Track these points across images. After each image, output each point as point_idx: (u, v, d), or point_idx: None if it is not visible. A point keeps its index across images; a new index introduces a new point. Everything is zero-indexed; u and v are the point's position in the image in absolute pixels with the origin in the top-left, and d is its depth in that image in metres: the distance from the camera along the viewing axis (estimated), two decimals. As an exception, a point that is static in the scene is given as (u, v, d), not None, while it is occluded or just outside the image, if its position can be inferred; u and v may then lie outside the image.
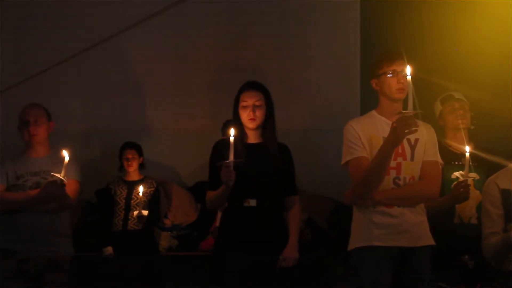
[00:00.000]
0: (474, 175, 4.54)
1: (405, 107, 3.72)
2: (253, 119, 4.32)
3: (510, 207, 4.07)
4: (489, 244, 4.11)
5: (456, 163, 4.45)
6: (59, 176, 4.46)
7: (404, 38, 6.40)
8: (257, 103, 4.34)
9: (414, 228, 3.97)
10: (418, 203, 4.02)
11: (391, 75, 4.00)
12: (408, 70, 3.63)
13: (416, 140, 4.01)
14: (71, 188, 4.73)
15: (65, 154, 4.49)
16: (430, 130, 4.11)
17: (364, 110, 4.31)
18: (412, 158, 4.01)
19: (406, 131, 3.65)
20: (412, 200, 3.98)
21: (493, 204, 4.14)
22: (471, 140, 4.74)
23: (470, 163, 4.24)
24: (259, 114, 4.34)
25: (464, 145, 4.65)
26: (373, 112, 4.14)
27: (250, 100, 4.34)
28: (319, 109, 6.61)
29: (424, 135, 4.03)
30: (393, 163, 3.93)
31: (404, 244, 3.94)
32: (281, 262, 4.27)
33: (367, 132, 4.02)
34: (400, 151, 3.96)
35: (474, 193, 4.55)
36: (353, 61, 6.55)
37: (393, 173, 3.97)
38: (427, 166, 4.02)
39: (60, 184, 4.52)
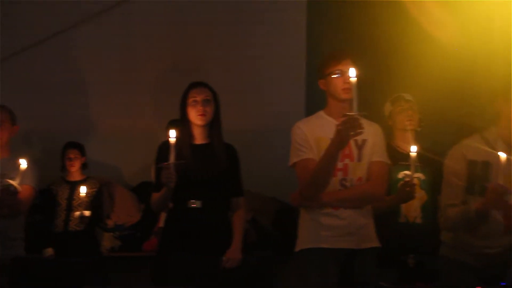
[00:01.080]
0: (419, 175, 4.60)
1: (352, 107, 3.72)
2: (203, 115, 4.31)
3: (475, 179, 4.06)
4: (447, 216, 4.10)
5: (403, 163, 4.48)
6: (13, 183, 4.39)
7: (352, 39, 6.45)
8: (207, 99, 4.33)
9: (360, 230, 3.97)
10: (365, 205, 4.02)
11: (337, 75, 3.99)
12: (353, 72, 3.59)
13: (363, 141, 4.00)
14: (25, 194, 4.67)
15: (22, 162, 4.41)
16: (377, 130, 4.10)
17: (309, 111, 4.31)
18: (359, 159, 4.00)
19: (351, 133, 3.63)
20: (359, 202, 3.98)
21: (456, 175, 4.10)
22: (418, 141, 4.80)
23: (417, 164, 4.29)
24: (209, 110, 4.34)
25: (412, 145, 4.72)
26: (321, 113, 4.11)
27: (199, 96, 4.33)
28: (266, 109, 6.61)
29: (371, 136, 4.01)
30: (340, 165, 3.92)
31: (350, 246, 3.94)
32: (224, 263, 4.27)
33: (314, 133, 4.00)
34: (347, 152, 3.94)
35: (419, 193, 4.60)
36: (299, 62, 6.56)
37: (340, 175, 3.95)
38: (374, 166, 4.02)
39: (13, 191, 4.44)
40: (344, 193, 3.96)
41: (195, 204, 4.25)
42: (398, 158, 4.52)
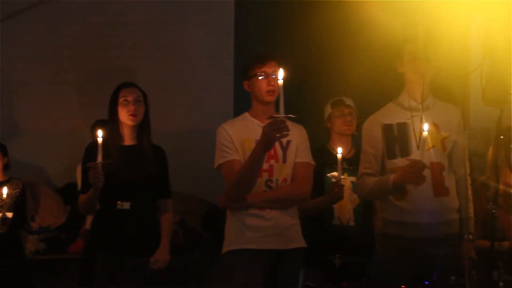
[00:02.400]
0: (352, 178, 4.67)
1: (278, 109, 3.74)
2: (134, 115, 4.29)
3: (393, 142, 4.11)
4: (363, 184, 4.15)
5: (335, 166, 4.55)
6: None
7: (281, 39, 6.48)
8: (139, 99, 4.32)
9: (286, 230, 4.00)
10: (291, 205, 4.05)
11: (262, 77, 4.01)
12: (280, 74, 3.56)
13: (288, 142, 4.02)
14: None
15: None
16: (302, 131, 4.14)
17: (238, 112, 4.33)
18: (284, 160, 4.03)
19: (278, 135, 3.64)
20: (284, 202, 4.00)
21: (371, 144, 4.16)
22: (354, 146, 4.87)
23: (351, 167, 4.36)
24: (141, 110, 4.32)
25: (347, 149, 4.79)
26: (246, 115, 4.14)
27: (131, 96, 4.31)
28: (194, 110, 6.60)
29: (296, 137, 4.04)
30: (265, 166, 3.94)
31: (277, 247, 3.97)
32: (152, 264, 4.26)
33: (239, 135, 4.01)
34: (272, 153, 3.96)
35: (352, 197, 4.68)
36: (227, 62, 6.58)
37: (265, 176, 3.98)
38: (299, 167, 4.05)
39: None
40: (269, 194, 3.98)
41: (123, 205, 4.23)
42: (333, 160, 4.59)
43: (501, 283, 3.61)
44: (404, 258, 4.03)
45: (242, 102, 5.08)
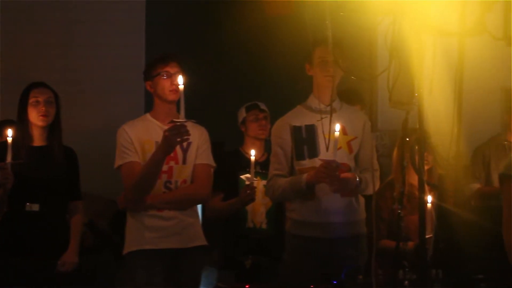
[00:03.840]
0: (265, 182, 4.69)
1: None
2: (45, 116, 4.23)
3: (301, 143, 4.15)
4: (275, 185, 4.17)
5: (248, 169, 4.58)
6: None
7: (193, 40, 6.48)
8: (50, 100, 4.24)
9: (186, 230, 4.03)
10: (190, 206, 4.08)
11: (165, 77, 4.02)
12: (180, 79, 3.64)
13: (189, 144, 4.04)
14: None
15: None
16: (203, 133, 4.16)
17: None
18: (184, 162, 4.05)
19: (178, 139, 3.69)
20: (183, 203, 4.03)
21: (280, 146, 4.19)
22: (266, 150, 4.91)
23: (264, 171, 4.40)
24: (52, 111, 4.26)
25: (261, 153, 4.83)
26: (147, 116, 4.15)
27: (41, 96, 4.24)
28: (106, 110, 6.50)
29: (196, 139, 4.07)
30: (164, 167, 3.96)
31: (177, 246, 4.00)
32: (60, 267, 4.22)
33: (140, 136, 4.03)
34: (172, 155, 3.97)
35: (264, 200, 4.72)
36: (138, 62, 6.50)
37: (164, 177, 4.00)
38: (199, 169, 4.09)
39: None
40: (168, 196, 4.01)
41: (32, 207, 4.17)
42: (246, 163, 4.62)
43: (406, 282, 3.70)
44: (312, 258, 4.09)
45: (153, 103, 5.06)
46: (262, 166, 4.75)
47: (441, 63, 3.49)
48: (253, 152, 4.38)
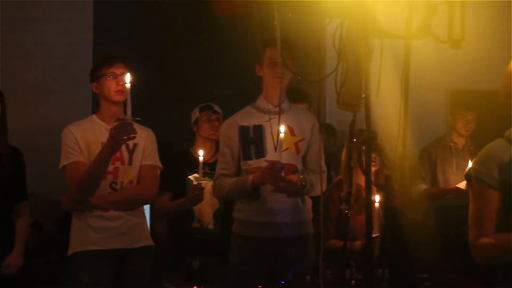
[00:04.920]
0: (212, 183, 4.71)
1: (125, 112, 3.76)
2: None
3: (248, 143, 4.16)
4: (221, 185, 4.17)
5: (197, 169, 4.57)
6: None
7: (142, 40, 6.44)
8: None
9: (132, 230, 4.03)
10: (136, 207, 4.08)
11: (111, 78, 4.01)
12: (128, 77, 3.65)
13: (135, 145, 4.05)
14: None
15: None
16: (150, 134, 4.17)
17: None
18: (130, 163, 4.05)
19: (124, 137, 3.68)
20: (129, 204, 4.03)
21: (228, 145, 4.20)
22: (216, 151, 4.89)
23: (212, 172, 4.40)
24: None
25: (211, 154, 4.82)
26: (93, 117, 4.14)
27: None
28: (53, 110, 6.42)
29: (143, 140, 4.08)
30: (110, 168, 3.95)
31: (122, 246, 3.99)
32: (4, 269, 4.16)
33: (85, 137, 4.01)
34: (118, 155, 3.98)
35: (212, 200, 4.71)
36: (86, 62, 6.44)
37: (110, 178, 3.99)
38: (145, 170, 4.09)
39: None
40: (113, 196, 4.00)
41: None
42: (195, 164, 4.60)
43: (352, 281, 3.74)
44: (259, 258, 4.10)
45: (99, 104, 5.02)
46: (212, 167, 4.75)
47: (388, 65, 3.53)
48: (201, 152, 4.39)
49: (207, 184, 4.69)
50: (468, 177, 2.74)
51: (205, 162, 4.62)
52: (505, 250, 2.58)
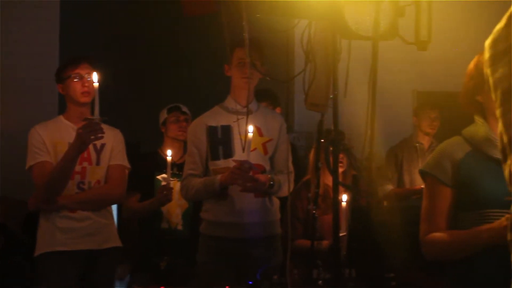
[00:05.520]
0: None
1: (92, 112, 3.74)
2: None
3: (216, 143, 4.15)
4: (189, 185, 4.15)
5: (166, 170, 4.55)
6: None
7: (108, 40, 6.39)
8: None
9: (100, 231, 4.03)
10: (103, 207, 4.07)
11: (77, 79, 4.00)
12: (95, 76, 3.65)
13: (103, 145, 4.05)
14: None
15: None
16: (117, 134, 4.17)
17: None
18: (97, 163, 4.05)
19: (92, 137, 3.69)
20: (97, 204, 4.02)
21: (196, 145, 4.19)
22: (185, 152, 4.88)
23: (181, 172, 4.39)
24: None
25: (179, 155, 4.81)
26: (60, 117, 4.13)
27: None
28: (20, 111, 6.36)
29: (110, 140, 4.08)
30: (78, 168, 3.94)
31: (90, 247, 3.98)
32: (-32, 271, 4.11)
33: (52, 137, 4.00)
34: (85, 155, 3.97)
35: (181, 201, 4.70)
36: (52, 62, 6.39)
37: (77, 178, 3.98)
38: (113, 170, 4.09)
39: None
40: (81, 196, 3.99)
41: None
42: (163, 164, 4.59)
43: (320, 281, 3.75)
44: (227, 259, 4.10)
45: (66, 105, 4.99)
46: (180, 168, 4.74)
47: (356, 66, 3.55)
48: (169, 152, 4.38)
49: (176, 184, 4.68)
50: (422, 173, 2.76)
51: (173, 163, 4.61)
52: (454, 247, 2.60)
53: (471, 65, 2.69)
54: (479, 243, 2.51)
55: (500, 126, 1.48)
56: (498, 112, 1.47)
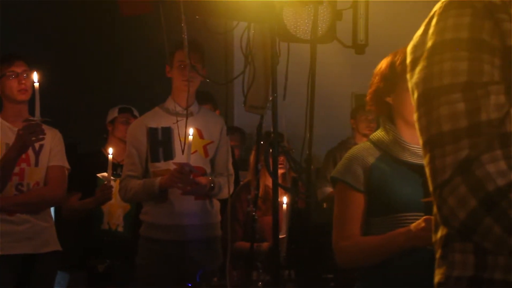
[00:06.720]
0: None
1: (31, 112, 3.70)
2: None
3: (157, 145, 4.12)
4: (127, 186, 4.10)
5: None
6: None
7: (48, 39, 6.29)
8: None
9: (39, 234, 3.97)
10: (43, 208, 4.02)
11: (12, 77, 3.94)
12: (35, 76, 3.60)
13: (41, 146, 3.99)
14: None
15: None
16: (57, 135, 4.12)
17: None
18: (36, 164, 3.99)
19: (33, 138, 3.64)
20: (36, 205, 3.97)
21: (136, 147, 4.14)
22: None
23: (118, 171, 4.35)
24: None
25: (124, 155, 4.77)
26: None
27: None
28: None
29: (49, 141, 4.02)
30: (16, 169, 3.88)
31: (28, 251, 3.92)
32: None
33: None
34: (23, 157, 3.90)
35: (122, 203, 4.65)
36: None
37: (15, 179, 3.92)
38: (52, 171, 4.04)
39: None
40: (20, 197, 3.93)
41: None
42: (106, 164, 4.53)
43: (259, 283, 3.77)
44: (167, 261, 4.07)
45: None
46: (124, 169, 4.70)
47: (295, 69, 3.58)
48: (111, 151, 4.32)
49: (117, 183, 4.63)
50: (333, 180, 2.70)
51: (117, 164, 4.56)
52: (368, 253, 2.55)
53: (384, 65, 2.66)
54: (395, 247, 2.46)
55: (416, 129, 1.52)
56: (415, 116, 1.52)
